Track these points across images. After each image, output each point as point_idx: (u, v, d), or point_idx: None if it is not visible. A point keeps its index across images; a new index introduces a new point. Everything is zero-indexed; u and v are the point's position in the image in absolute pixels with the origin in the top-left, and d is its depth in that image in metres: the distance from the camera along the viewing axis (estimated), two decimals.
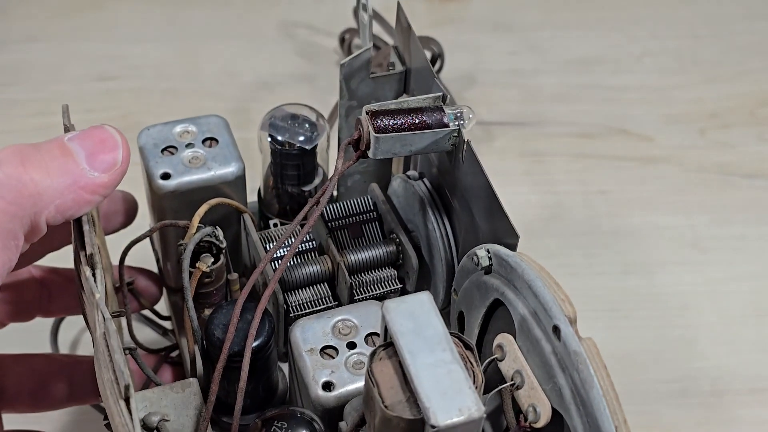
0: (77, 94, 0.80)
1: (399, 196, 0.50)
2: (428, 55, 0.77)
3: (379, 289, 0.48)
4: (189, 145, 0.47)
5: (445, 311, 0.49)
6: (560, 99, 0.81)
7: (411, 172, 0.50)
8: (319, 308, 0.47)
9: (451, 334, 0.33)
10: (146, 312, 0.54)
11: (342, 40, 0.83)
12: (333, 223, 0.49)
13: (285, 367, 0.47)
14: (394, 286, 0.48)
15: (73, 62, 0.83)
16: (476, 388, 0.33)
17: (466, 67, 0.83)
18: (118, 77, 0.82)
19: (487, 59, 0.84)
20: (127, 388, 0.35)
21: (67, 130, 0.43)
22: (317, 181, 0.52)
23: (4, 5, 0.88)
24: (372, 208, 0.50)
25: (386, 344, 0.34)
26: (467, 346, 0.35)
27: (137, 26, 0.87)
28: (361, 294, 0.47)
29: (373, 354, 0.34)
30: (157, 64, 0.83)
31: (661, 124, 0.80)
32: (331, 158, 0.54)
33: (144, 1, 0.89)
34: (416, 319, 0.33)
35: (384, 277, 0.48)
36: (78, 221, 0.41)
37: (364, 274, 0.48)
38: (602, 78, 0.84)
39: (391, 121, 0.42)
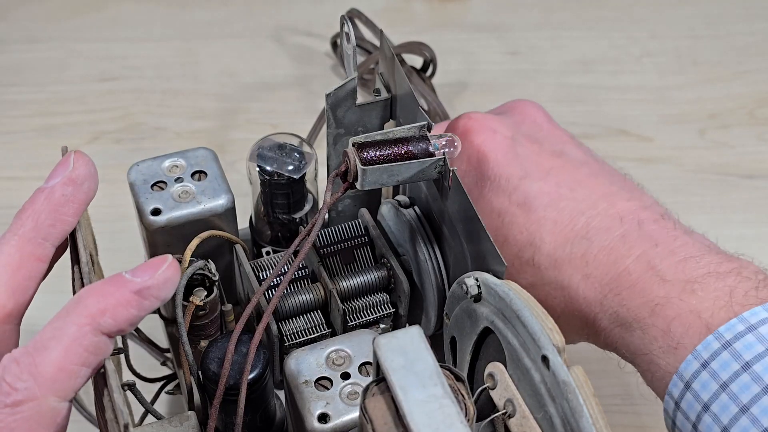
0: (77, 94, 0.81)
1: (389, 221, 0.50)
2: (420, 60, 0.77)
3: (372, 314, 0.48)
4: (178, 180, 0.48)
5: (438, 333, 0.49)
6: (560, 99, 0.81)
7: (401, 198, 0.50)
8: (313, 336, 0.47)
9: (441, 366, 0.34)
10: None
11: (334, 44, 0.83)
12: (324, 250, 0.49)
13: (281, 394, 0.47)
14: (386, 310, 0.49)
15: (74, 62, 0.83)
16: (468, 421, 0.34)
17: (466, 67, 0.83)
18: (118, 77, 0.82)
19: (486, 59, 0.84)
20: (126, 427, 0.35)
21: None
22: (307, 207, 0.53)
23: (4, 5, 0.88)
24: (363, 233, 0.50)
25: (378, 380, 0.34)
26: (458, 378, 0.35)
27: (137, 26, 0.87)
28: (355, 320, 0.48)
29: (366, 390, 0.34)
30: (157, 64, 0.83)
31: (661, 125, 0.79)
32: (320, 183, 0.54)
33: (144, 1, 0.90)
34: (407, 354, 0.33)
35: (376, 302, 0.49)
36: (79, 270, 0.41)
37: (357, 300, 0.49)
38: (602, 78, 0.83)
39: (378, 153, 0.42)
